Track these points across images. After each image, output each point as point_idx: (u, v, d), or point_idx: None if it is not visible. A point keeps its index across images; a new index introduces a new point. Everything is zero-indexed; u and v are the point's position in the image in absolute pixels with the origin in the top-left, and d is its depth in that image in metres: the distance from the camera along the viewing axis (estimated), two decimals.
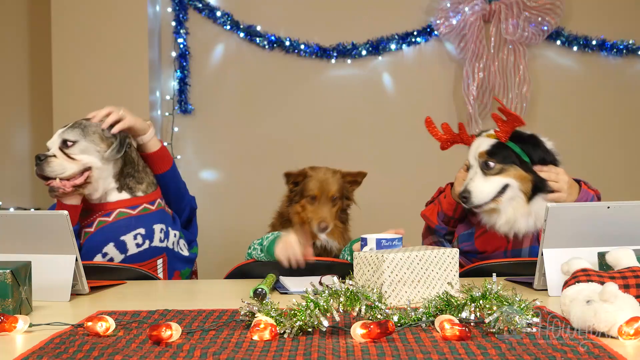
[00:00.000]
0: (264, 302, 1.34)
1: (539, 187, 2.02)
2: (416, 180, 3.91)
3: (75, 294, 1.75)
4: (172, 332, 1.25)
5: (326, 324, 1.27)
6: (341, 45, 3.85)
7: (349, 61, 3.89)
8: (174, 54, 3.87)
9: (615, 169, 3.92)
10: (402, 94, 3.91)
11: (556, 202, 2.01)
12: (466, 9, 3.75)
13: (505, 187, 2.01)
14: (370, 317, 1.31)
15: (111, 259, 2.12)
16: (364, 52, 3.85)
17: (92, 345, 1.22)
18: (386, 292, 1.55)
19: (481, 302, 1.31)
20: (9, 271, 1.46)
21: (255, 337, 1.26)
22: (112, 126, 2.15)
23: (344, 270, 1.94)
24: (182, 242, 2.30)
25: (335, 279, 1.37)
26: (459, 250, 1.74)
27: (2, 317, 1.35)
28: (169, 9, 3.86)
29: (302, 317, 1.27)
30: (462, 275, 1.92)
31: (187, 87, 3.86)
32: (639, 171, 3.95)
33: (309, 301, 1.29)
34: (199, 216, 2.52)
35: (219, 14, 3.84)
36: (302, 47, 3.85)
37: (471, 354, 1.14)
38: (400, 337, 1.26)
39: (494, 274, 1.36)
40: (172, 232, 2.23)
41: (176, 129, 3.88)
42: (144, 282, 2.03)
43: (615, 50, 3.84)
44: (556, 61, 3.90)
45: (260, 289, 1.66)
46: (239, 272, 2.08)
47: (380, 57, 3.90)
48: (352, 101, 3.92)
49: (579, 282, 1.39)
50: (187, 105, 3.86)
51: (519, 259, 2.06)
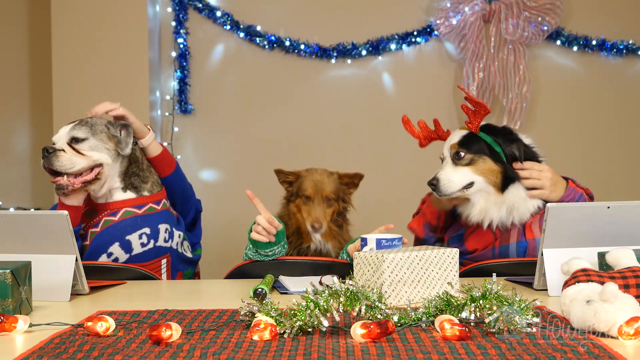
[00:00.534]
0: (264, 302, 1.34)
1: (511, 177, 2.04)
2: (415, 180, 3.90)
3: (75, 294, 1.75)
4: (172, 332, 1.25)
5: (326, 324, 1.27)
6: (341, 45, 3.85)
7: (349, 61, 3.89)
8: (174, 54, 3.87)
9: (615, 169, 3.92)
10: (402, 94, 3.91)
11: (539, 199, 2.05)
12: (466, 9, 3.75)
13: (471, 184, 2.05)
14: (370, 317, 1.31)
15: (116, 259, 2.12)
16: (364, 52, 3.85)
17: (92, 345, 1.22)
18: (386, 292, 1.55)
19: (481, 302, 1.31)
20: (9, 271, 1.46)
21: (255, 337, 1.26)
22: (120, 125, 2.16)
23: (344, 270, 1.95)
24: (185, 243, 2.31)
25: (335, 279, 1.37)
26: None
27: (2, 317, 1.35)
28: (169, 9, 3.86)
29: (302, 317, 1.27)
30: (462, 275, 1.92)
31: (187, 87, 3.86)
32: (639, 171, 3.95)
33: (309, 301, 1.29)
34: None
35: (219, 14, 3.84)
36: (302, 47, 3.85)
37: (471, 354, 1.14)
38: (400, 337, 1.26)
39: (494, 274, 1.36)
40: (176, 233, 2.24)
41: (176, 129, 3.88)
42: (144, 282, 2.03)
43: (615, 50, 3.84)
44: (556, 61, 3.90)
45: (260, 289, 1.66)
46: (239, 272, 2.08)
47: (380, 57, 3.90)
48: (352, 101, 3.92)
49: (579, 282, 1.39)
50: (187, 105, 3.86)
51: (518, 259, 2.06)
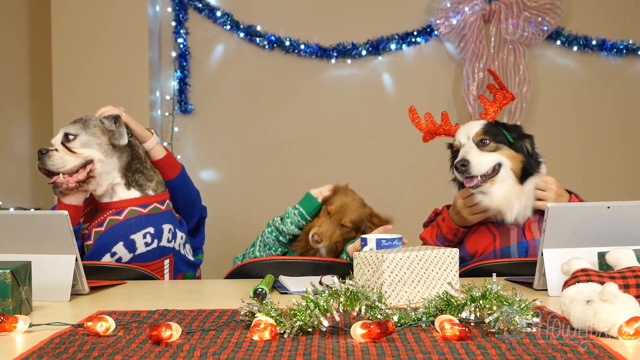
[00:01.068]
0: (264, 302, 1.34)
1: (528, 171, 2.06)
2: (415, 180, 3.91)
3: (75, 294, 1.75)
4: (172, 332, 1.25)
5: (326, 324, 1.27)
6: (341, 45, 3.85)
7: (349, 61, 3.89)
8: (174, 54, 3.87)
9: (615, 169, 3.92)
10: (402, 94, 3.91)
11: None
12: (466, 9, 3.75)
13: (498, 166, 2.05)
14: (370, 317, 1.31)
15: (119, 259, 2.12)
16: (364, 52, 3.85)
17: (92, 345, 1.22)
18: (386, 292, 1.55)
19: (481, 302, 1.31)
20: (9, 271, 1.46)
21: (255, 337, 1.26)
22: (112, 119, 2.16)
23: (344, 270, 1.95)
24: (187, 246, 2.30)
25: (335, 279, 1.37)
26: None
27: (2, 317, 1.34)
28: (169, 9, 3.87)
29: (302, 317, 1.27)
30: (462, 275, 1.92)
31: (187, 87, 3.87)
32: (639, 171, 3.95)
33: (309, 301, 1.29)
34: None
35: (219, 14, 3.84)
36: (302, 47, 3.85)
37: (471, 354, 1.14)
38: (400, 337, 1.26)
39: (494, 274, 1.36)
40: (179, 234, 2.24)
41: (176, 129, 3.88)
42: (144, 282, 2.03)
43: (615, 50, 3.84)
44: (556, 61, 3.90)
45: (260, 289, 1.66)
46: (239, 272, 2.08)
47: (380, 57, 3.90)
48: (352, 101, 3.92)
49: (579, 282, 1.39)
50: (187, 105, 3.86)
51: (518, 259, 2.06)
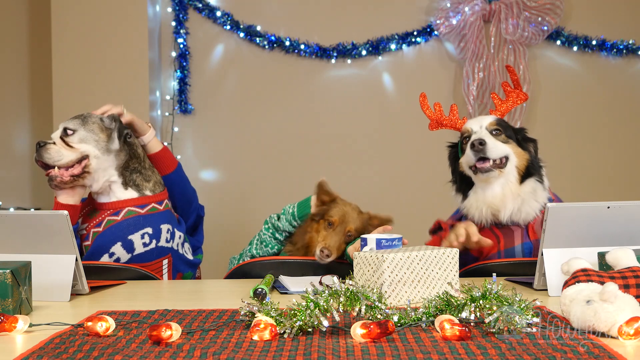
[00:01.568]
0: (264, 302, 1.34)
1: (530, 171, 2.07)
2: (415, 179, 3.92)
3: (75, 294, 1.75)
4: (172, 332, 1.25)
5: (326, 324, 1.27)
6: (341, 45, 3.85)
7: (349, 61, 3.89)
8: (174, 54, 3.87)
9: (615, 169, 3.92)
10: (402, 94, 3.91)
11: (542, 203, 2.06)
12: (466, 9, 3.75)
13: (506, 159, 2.06)
14: (370, 317, 1.31)
15: (118, 259, 2.12)
16: (364, 52, 3.85)
17: (92, 345, 1.22)
18: (386, 292, 1.55)
19: (481, 302, 1.31)
20: (9, 271, 1.46)
21: (255, 337, 1.26)
22: (112, 118, 2.17)
23: (344, 270, 1.94)
24: (186, 245, 2.30)
25: (335, 279, 1.37)
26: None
27: (2, 317, 1.34)
28: (169, 9, 3.87)
29: (302, 317, 1.27)
30: (462, 275, 1.92)
31: (187, 87, 3.87)
32: (638, 171, 3.95)
33: (309, 301, 1.29)
34: None
35: (219, 14, 3.84)
36: (302, 47, 3.85)
37: (471, 354, 1.14)
38: (400, 337, 1.26)
39: (494, 274, 1.36)
40: (177, 234, 2.23)
41: (176, 129, 3.88)
42: (144, 282, 2.03)
43: (615, 50, 3.85)
44: (556, 61, 3.90)
45: (260, 289, 1.66)
46: (239, 272, 2.08)
47: (380, 57, 3.90)
48: (352, 101, 3.92)
49: (579, 282, 1.39)
50: (187, 105, 3.86)
51: (518, 259, 2.06)
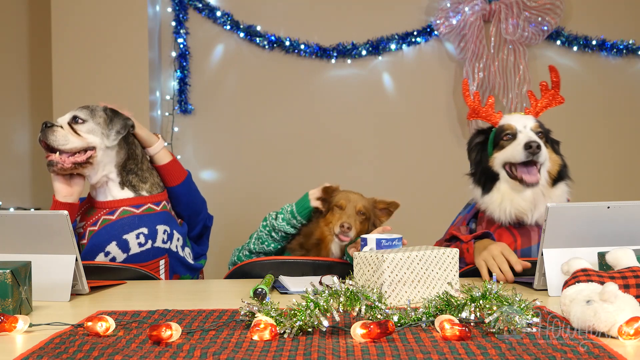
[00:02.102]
0: (264, 302, 1.34)
1: (561, 176, 2.08)
2: (416, 179, 3.92)
3: (75, 294, 1.75)
4: (172, 332, 1.25)
5: (326, 324, 1.27)
6: (341, 45, 3.85)
7: (349, 61, 3.89)
8: (174, 54, 3.87)
9: (615, 169, 3.92)
10: (402, 94, 3.91)
11: None
12: (466, 9, 3.75)
13: (544, 163, 2.05)
14: (370, 317, 1.31)
15: (113, 259, 2.12)
16: (364, 52, 3.85)
17: (92, 345, 1.22)
18: (386, 292, 1.55)
19: (481, 302, 1.31)
20: (9, 271, 1.46)
21: (255, 337, 1.26)
22: (112, 111, 2.19)
23: (344, 270, 1.94)
24: (187, 249, 2.30)
25: (335, 279, 1.37)
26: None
27: (2, 317, 1.35)
28: (169, 9, 3.87)
29: (302, 317, 1.27)
30: (462, 275, 1.92)
31: (187, 87, 3.87)
32: (638, 171, 3.95)
33: (309, 301, 1.29)
34: None
35: (219, 14, 3.84)
36: (302, 47, 3.85)
37: (471, 354, 1.14)
38: (400, 337, 1.26)
39: (494, 274, 1.36)
40: (176, 235, 2.23)
41: (176, 129, 3.88)
42: (144, 282, 2.03)
43: (615, 50, 3.85)
44: (556, 61, 3.90)
45: (260, 289, 1.66)
46: (239, 272, 2.08)
47: (380, 57, 3.90)
48: (352, 101, 3.92)
49: (579, 282, 1.39)
50: (187, 105, 3.86)
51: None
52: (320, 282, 1.83)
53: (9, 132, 4.05)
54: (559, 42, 3.86)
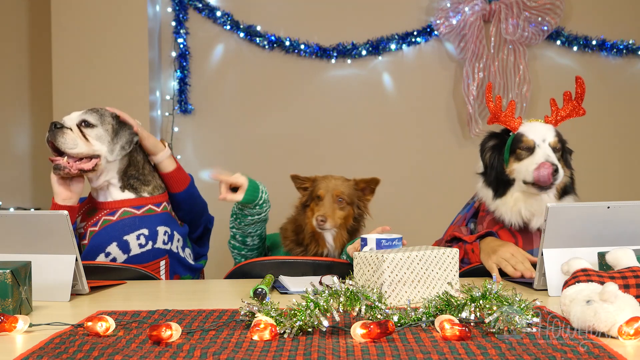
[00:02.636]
0: (264, 302, 1.34)
1: (567, 190, 2.07)
2: (416, 180, 3.92)
3: (75, 294, 1.75)
4: (172, 332, 1.25)
5: (326, 324, 1.27)
6: (341, 45, 3.85)
7: (349, 61, 3.89)
8: (174, 54, 3.87)
9: (615, 169, 3.92)
10: (402, 94, 3.91)
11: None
12: (466, 9, 3.75)
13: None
14: (370, 317, 1.31)
15: (114, 259, 2.12)
16: (364, 52, 3.85)
17: (92, 345, 1.22)
18: (386, 292, 1.55)
19: (481, 302, 1.31)
20: (9, 271, 1.46)
21: (255, 337, 1.26)
22: (120, 123, 2.17)
23: (344, 270, 1.95)
24: (187, 250, 2.30)
25: (335, 279, 1.37)
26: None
27: (2, 317, 1.35)
28: (169, 9, 3.86)
29: (302, 317, 1.27)
30: (462, 275, 1.92)
31: (187, 87, 3.86)
32: (639, 171, 3.95)
33: (309, 301, 1.29)
34: None
35: (219, 14, 3.84)
36: (302, 47, 3.85)
37: (471, 354, 1.14)
38: (400, 337, 1.26)
39: (494, 274, 1.36)
40: (176, 236, 2.23)
41: (176, 129, 3.88)
42: (144, 282, 2.03)
43: (615, 50, 3.84)
44: (556, 61, 3.90)
45: (260, 289, 1.66)
46: (239, 272, 2.08)
47: (380, 57, 3.90)
48: (352, 101, 3.92)
49: (579, 282, 1.39)
50: (187, 105, 3.86)
51: None
52: (320, 282, 1.83)
53: (9, 132, 4.05)
54: (559, 42, 3.86)
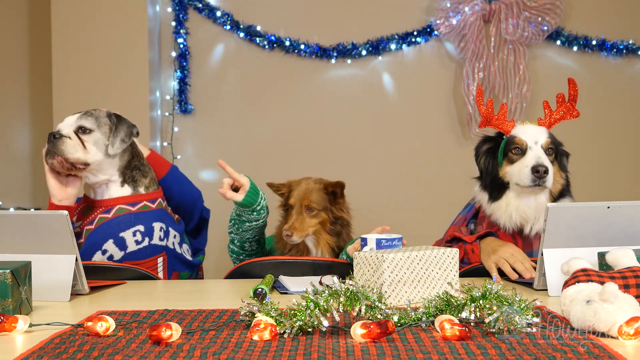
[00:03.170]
0: (264, 302, 1.34)
1: (563, 193, 2.07)
2: (416, 179, 3.92)
3: (75, 294, 1.75)
4: (172, 332, 1.25)
5: (326, 324, 1.27)
6: (341, 45, 3.85)
7: (349, 61, 3.89)
8: (174, 54, 3.87)
9: (614, 169, 3.92)
10: (402, 94, 3.91)
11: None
12: (466, 9, 3.75)
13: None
14: (370, 317, 1.31)
15: (111, 257, 2.13)
16: (364, 52, 3.85)
17: (92, 345, 1.22)
18: (386, 292, 1.55)
19: (481, 302, 1.31)
20: (9, 271, 1.46)
21: (255, 337, 1.26)
22: (118, 118, 2.18)
23: (344, 270, 1.95)
24: (185, 246, 2.31)
25: (335, 279, 1.37)
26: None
27: (2, 317, 1.35)
28: (169, 9, 3.87)
29: (302, 317, 1.27)
30: (462, 275, 1.92)
31: (187, 87, 3.86)
32: (639, 171, 3.95)
33: (309, 301, 1.29)
34: None
35: (219, 14, 3.84)
36: (302, 47, 3.85)
37: (471, 354, 1.14)
38: (400, 337, 1.26)
39: (494, 274, 1.36)
40: (172, 232, 2.24)
41: (176, 129, 3.88)
42: (144, 282, 2.03)
43: (615, 50, 3.84)
44: (556, 61, 3.90)
45: (260, 289, 1.66)
46: (239, 272, 2.08)
47: (380, 57, 3.90)
48: (352, 101, 3.92)
49: (579, 282, 1.39)
50: (187, 105, 3.86)
51: None
52: (320, 282, 1.83)
53: (9, 132, 4.05)
54: (559, 42, 3.86)
